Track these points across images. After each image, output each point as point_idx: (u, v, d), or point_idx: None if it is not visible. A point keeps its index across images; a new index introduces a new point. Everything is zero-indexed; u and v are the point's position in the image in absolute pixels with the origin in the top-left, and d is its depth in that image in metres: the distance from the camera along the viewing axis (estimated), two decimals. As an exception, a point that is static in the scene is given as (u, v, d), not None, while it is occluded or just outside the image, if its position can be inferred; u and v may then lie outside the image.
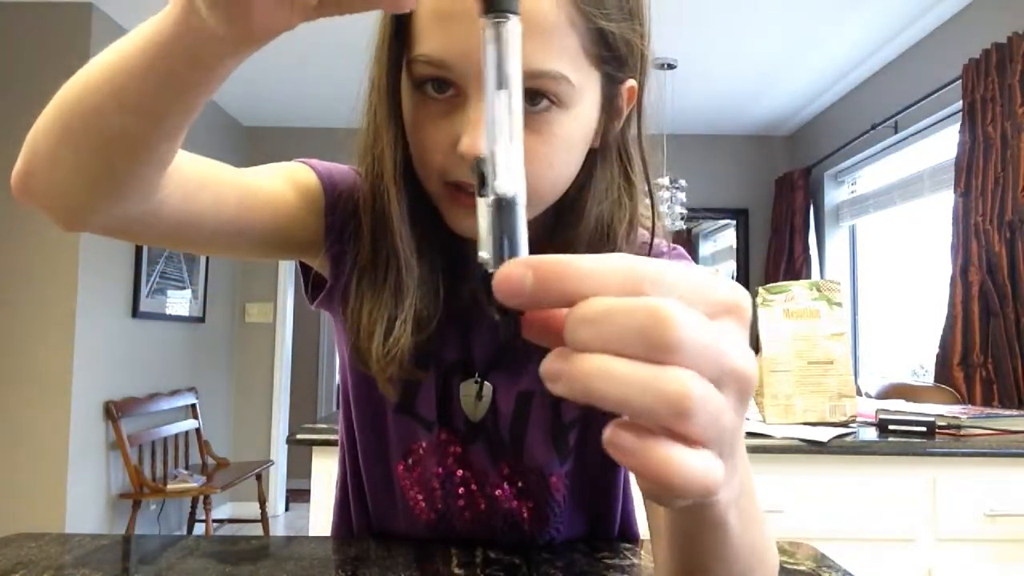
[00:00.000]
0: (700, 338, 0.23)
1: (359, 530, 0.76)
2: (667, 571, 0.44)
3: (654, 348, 0.23)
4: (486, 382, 0.67)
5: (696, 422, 0.23)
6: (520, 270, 0.24)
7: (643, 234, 0.67)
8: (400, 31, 0.55)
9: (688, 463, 0.23)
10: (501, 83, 0.29)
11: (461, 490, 0.70)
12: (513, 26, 0.29)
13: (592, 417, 0.68)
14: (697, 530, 0.37)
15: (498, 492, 0.70)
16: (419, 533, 0.72)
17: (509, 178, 0.29)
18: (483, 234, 0.29)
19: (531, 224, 0.56)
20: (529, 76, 0.49)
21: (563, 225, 0.61)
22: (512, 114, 0.29)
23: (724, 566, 0.38)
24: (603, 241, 0.61)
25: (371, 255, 0.60)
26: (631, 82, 0.60)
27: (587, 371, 0.23)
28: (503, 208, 0.28)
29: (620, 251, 0.58)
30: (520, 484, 0.70)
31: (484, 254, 0.29)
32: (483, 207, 0.29)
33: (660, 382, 0.22)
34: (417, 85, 0.54)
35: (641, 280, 0.24)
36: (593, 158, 0.60)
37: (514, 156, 0.29)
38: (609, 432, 0.24)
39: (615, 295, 0.24)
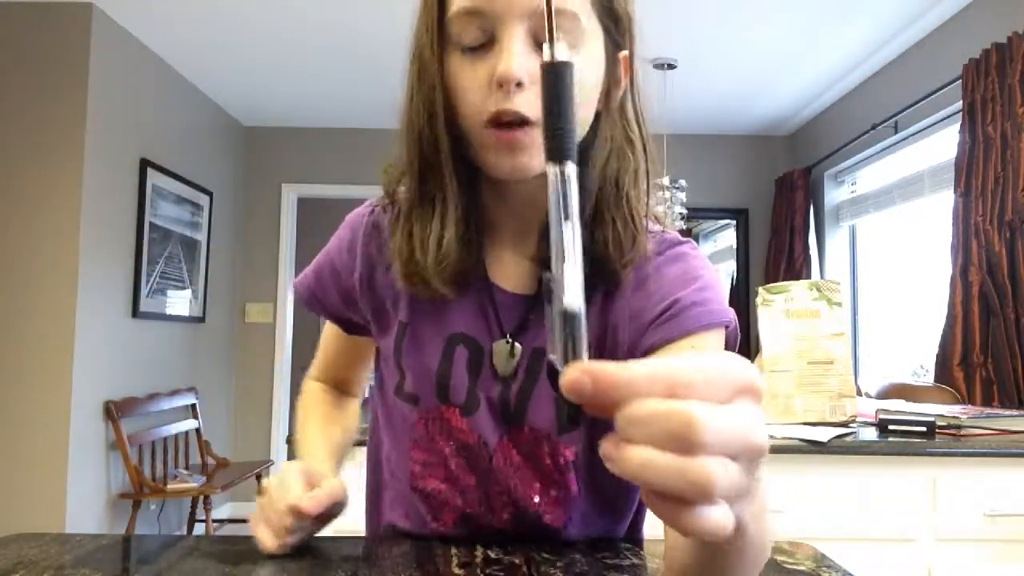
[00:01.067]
0: (720, 430, 0.29)
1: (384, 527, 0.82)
2: (682, 568, 0.51)
3: (684, 446, 0.29)
4: (516, 342, 0.72)
5: (716, 495, 0.29)
6: (581, 376, 0.31)
7: (654, 229, 0.73)
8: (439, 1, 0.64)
9: (707, 517, 0.29)
10: (567, 215, 0.36)
11: (464, 462, 0.73)
12: (571, 169, 0.36)
13: None
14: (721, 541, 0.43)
15: (501, 463, 0.72)
16: (442, 523, 0.75)
17: (573, 294, 0.34)
18: (554, 338, 0.35)
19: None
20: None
21: (579, 178, 0.68)
22: (575, 241, 0.35)
23: (741, 561, 0.47)
24: (613, 192, 0.69)
25: (418, 195, 0.70)
26: (625, 52, 0.68)
27: (633, 460, 0.30)
28: (568, 319, 0.34)
29: (630, 200, 0.69)
30: (525, 456, 0.72)
31: (553, 356, 0.35)
32: (554, 316, 0.35)
33: (689, 473, 0.29)
34: (458, 44, 0.63)
35: (675, 385, 0.30)
36: (597, 121, 0.68)
37: (576, 276, 0.35)
38: (643, 495, 0.31)
39: (656, 396, 0.30)
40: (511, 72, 0.59)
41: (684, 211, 3.89)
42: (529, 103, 0.61)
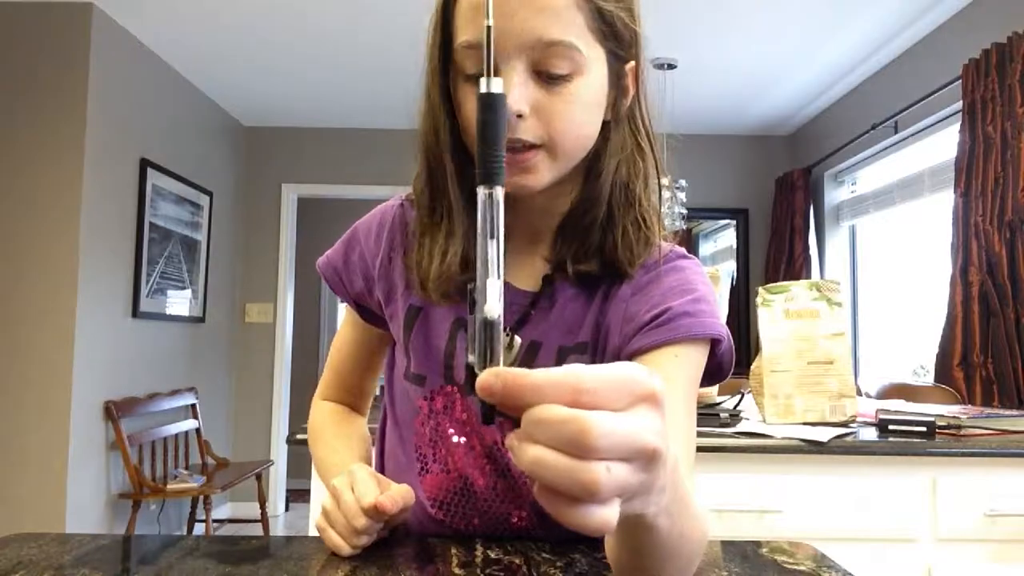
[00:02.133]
0: (612, 436, 0.32)
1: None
2: (616, 560, 0.55)
3: (577, 450, 0.32)
4: (515, 336, 0.73)
5: (602, 496, 0.32)
6: (494, 380, 0.34)
7: (659, 245, 0.76)
8: (446, 28, 0.67)
9: (588, 514, 0.33)
10: (493, 234, 0.39)
11: (463, 440, 0.76)
12: (499, 193, 0.40)
13: None
14: (634, 533, 0.47)
15: (495, 441, 0.74)
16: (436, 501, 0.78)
17: (493, 304, 0.38)
18: (474, 344, 0.38)
19: (563, 188, 0.72)
20: (548, 44, 0.62)
21: (587, 187, 0.72)
22: (497, 259, 0.39)
23: (658, 553, 0.49)
24: (624, 197, 0.72)
25: (429, 213, 0.74)
26: (632, 63, 0.71)
27: (529, 456, 0.33)
28: (487, 326, 0.38)
29: (642, 207, 0.73)
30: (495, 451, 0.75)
31: (472, 358, 0.38)
32: (476, 324, 0.38)
33: (577, 474, 0.32)
34: (463, 72, 0.66)
35: (578, 391, 0.33)
36: (608, 129, 0.71)
37: (496, 288, 0.38)
38: (535, 489, 0.34)
39: (560, 403, 0.33)
40: (512, 106, 0.62)
41: (684, 211, 3.89)
42: (532, 131, 0.64)
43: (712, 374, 0.71)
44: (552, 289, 0.74)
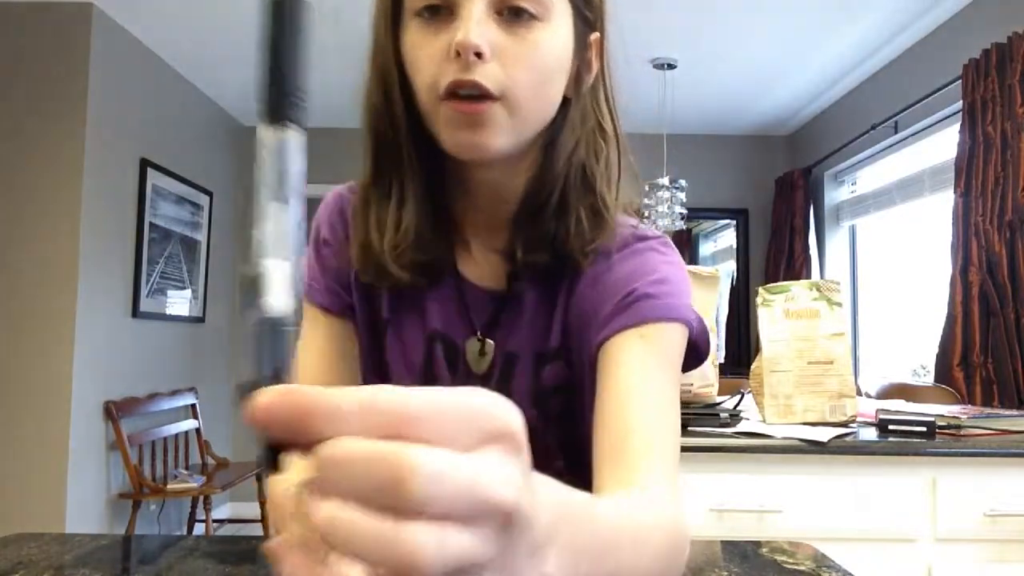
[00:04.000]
0: (446, 486, 0.22)
1: None
2: None
3: (393, 505, 0.22)
4: (487, 339, 0.70)
5: (429, 573, 0.22)
6: (277, 401, 0.23)
7: (629, 221, 0.70)
8: None
9: None
10: (282, 196, 0.28)
11: None
12: (293, 137, 0.28)
13: (576, 384, 0.69)
14: None
15: None
16: None
17: (279, 296, 0.26)
18: (248, 352, 0.26)
19: (520, 164, 0.65)
20: None
21: (544, 168, 0.66)
22: (292, 230, 0.27)
23: None
24: (580, 180, 0.66)
25: (374, 175, 0.67)
26: (597, 35, 0.66)
27: (323, 516, 0.22)
28: (270, 328, 0.26)
29: (599, 189, 0.65)
30: None
31: (244, 377, 0.25)
32: (253, 324, 0.26)
33: (393, 541, 0.21)
34: (415, 14, 0.60)
35: (399, 421, 0.23)
36: (567, 107, 0.65)
37: (285, 273, 0.27)
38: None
39: (371, 434, 0.22)
40: (469, 40, 0.56)
41: (684, 211, 3.89)
42: (491, 76, 0.57)
43: (687, 359, 0.65)
44: (519, 291, 0.69)
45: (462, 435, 0.24)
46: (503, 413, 0.25)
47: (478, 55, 0.56)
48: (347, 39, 3.82)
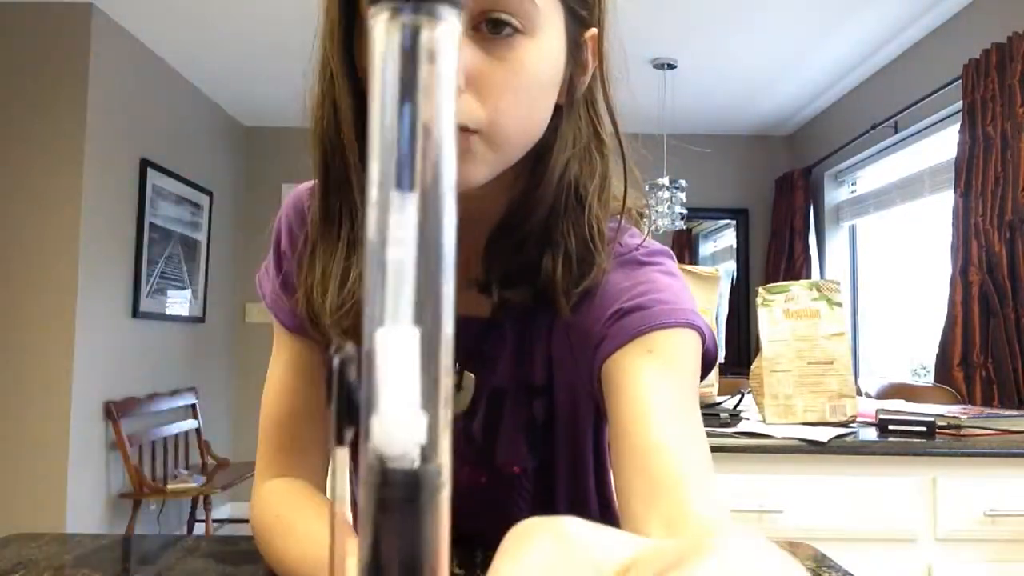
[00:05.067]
0: None
1: None
2: None
3: None
4: (466, 372, 0.63)
5: None
6: None
7: (632, 232, 0.64)
8: None
9: None
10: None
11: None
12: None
13: (562, 414, 0.65)
14: None
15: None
16: None
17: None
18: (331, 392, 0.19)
19: (499, 184, 0.55)
20: None
21: (528, 185, 0.58)
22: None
23: None
24: (572, 202, 0.58)
25: (323, 212, 0.58)
26: (593, 30, 0.57)
27: None
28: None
29: (592, 213, 0.58)
30: (483, 488, 0.67)
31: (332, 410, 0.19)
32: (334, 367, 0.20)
33: None
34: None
35: None
36: (560, 115, 0.57)
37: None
38: None
39: None
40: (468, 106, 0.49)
41: (684, 211, 3.89)
42: (466, 111, 0.50)
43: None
44: (500, 322, 0.62)
45: None
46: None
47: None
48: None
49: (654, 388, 0.53)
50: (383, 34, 0.18)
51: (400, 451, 0.17)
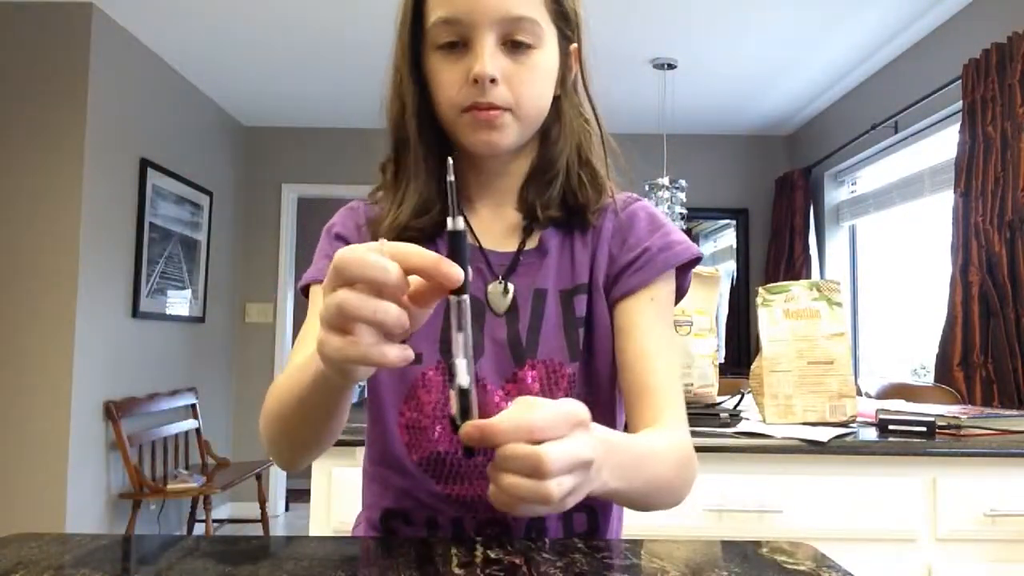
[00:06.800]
0: (560, 459, 0.48)
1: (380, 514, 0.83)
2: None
3: (537, 473, 0.47)
4: (508, 283, 0.83)
5: (555, 501, 0.49)
6: (473, 431, 0.49)
7: (612, 190, 0.86)
8: (417, 7, 0.77)
9: (543, 511, 0.50)
10: (460, 327, 0.51)
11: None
12: (465, 300, 0.50)
13: (596, 318, 0.82)
14: (604, 498, 0.61)
15: (502, 405, 0.73)
16: (422, 486, 0.79)
17: (464, 376, 0.51)
18: (453, 407, 0.51)
19: (522, 151, 0.83)
20: (515, 19, 0.73)
21: (544, 149, 0.83)
22: (465, 345, 0.51)
23: (634, 498, 0.66)
24: (577, 156, 0.83)
25: (394, 177, 0.83)
26: (575, 45, 0.82)
27: (505, 482, 0.48)
28: (462, 393, 0.51)
29: (594, 167, 0.83)
30: (524, 392, 0.78)
31: (455, 417, 0.51)
32: (452, 394, 0.51)
33: (538, 489, 0.48)
34: (435, 43, 0.75)
35: (532, 432, 0.48)
36: (558, 103, 0.82)
37: (464, 366, 0.51)
38: (493, 496, 0.50)
39: (522, 441, 0.48)
40: (485, 71, 0.72)
41: (684, 211, 3.89)
42: (501, 96, 0.74)
43: (685, 267, 0.83)
44: (543, 240, 0.83)
45: (563, 429, 0.49)
46: (579, 411, 0.51)
47: (492, 81, 0.73)
48: (346, 55, 3.80)
49: (654, 337, 0.78)
50: None
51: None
